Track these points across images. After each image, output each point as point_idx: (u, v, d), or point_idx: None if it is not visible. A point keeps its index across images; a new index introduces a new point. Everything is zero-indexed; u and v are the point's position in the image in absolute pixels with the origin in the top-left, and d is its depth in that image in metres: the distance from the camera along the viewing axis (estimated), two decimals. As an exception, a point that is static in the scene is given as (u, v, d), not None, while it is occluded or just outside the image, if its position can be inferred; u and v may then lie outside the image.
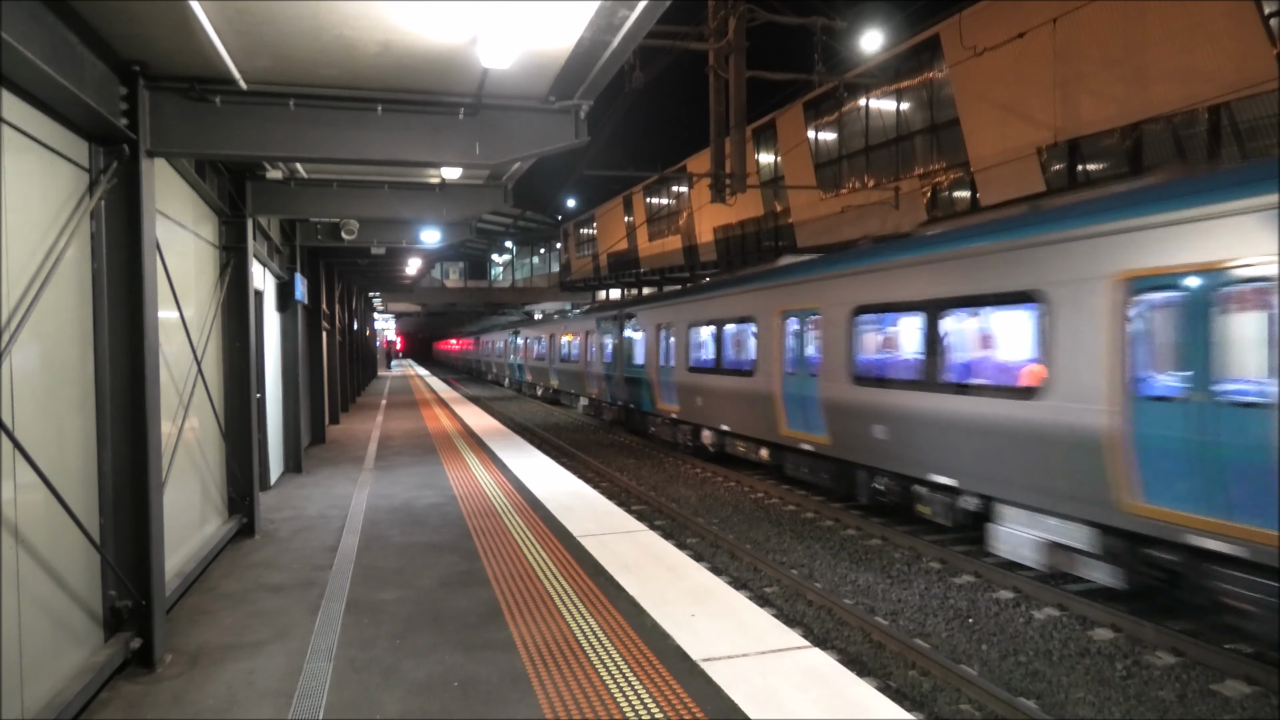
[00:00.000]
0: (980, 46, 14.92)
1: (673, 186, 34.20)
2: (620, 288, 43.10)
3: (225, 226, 8.04)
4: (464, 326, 78.81)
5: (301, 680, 4.57)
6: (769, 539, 10.71)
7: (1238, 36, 12.14)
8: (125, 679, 4.63)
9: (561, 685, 4.45)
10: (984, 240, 8.65)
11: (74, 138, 4.52)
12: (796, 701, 4.15)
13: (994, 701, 5.91)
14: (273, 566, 6.90)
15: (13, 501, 3.71)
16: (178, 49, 4.72)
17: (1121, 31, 13.86)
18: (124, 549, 4.82)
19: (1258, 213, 5.86)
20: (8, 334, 3.64)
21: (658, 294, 21.42)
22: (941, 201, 18.91)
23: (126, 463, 4.82)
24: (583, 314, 26.89)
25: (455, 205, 9.60)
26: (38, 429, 3.95)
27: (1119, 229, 6.95)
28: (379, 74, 5.33)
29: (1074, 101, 14.90)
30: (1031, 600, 8.11)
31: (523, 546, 7.37)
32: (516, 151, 6.13)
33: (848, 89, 20.37)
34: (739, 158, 17.04)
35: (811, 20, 16.28)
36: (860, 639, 7.31)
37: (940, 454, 9.25)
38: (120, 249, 4.82)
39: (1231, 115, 12.54)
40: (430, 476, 11.14)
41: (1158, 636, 6.95)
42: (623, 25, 4.62)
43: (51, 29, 3.86)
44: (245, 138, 5.49)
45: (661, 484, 14.77)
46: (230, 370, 8.02)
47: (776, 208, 26.02)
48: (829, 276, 11.60)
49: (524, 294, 54.59)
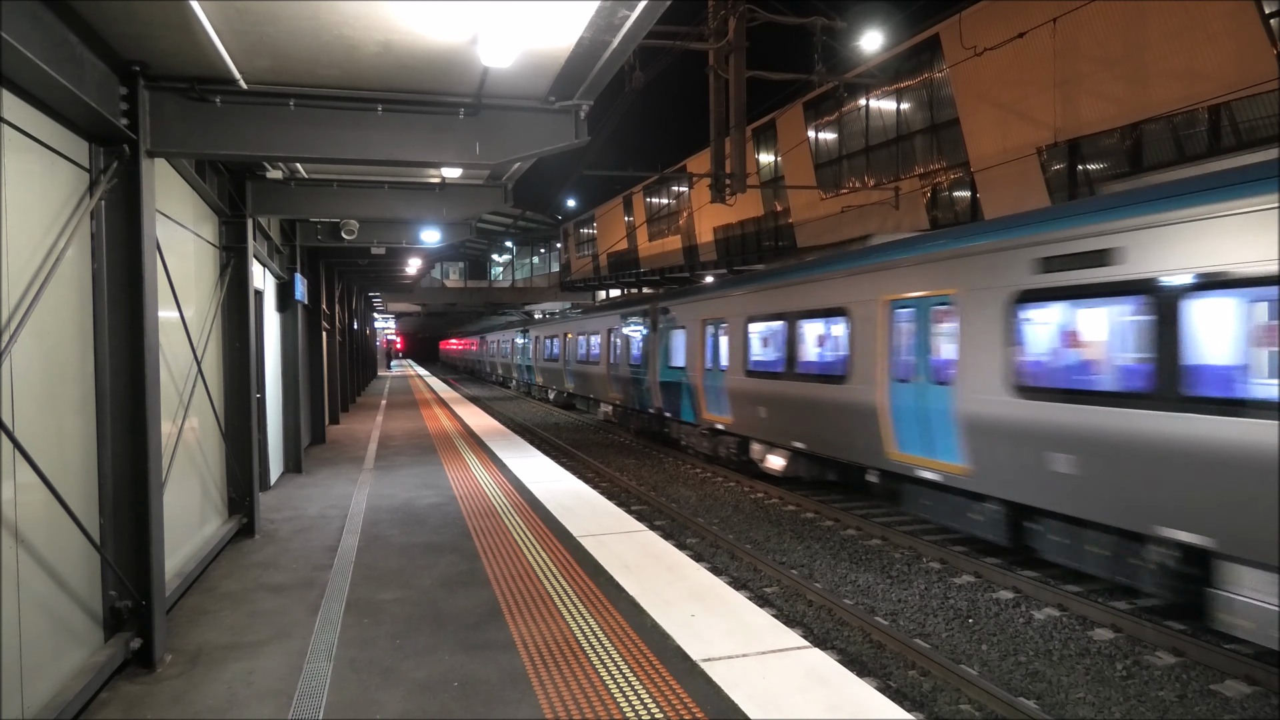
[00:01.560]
0: (980, 46, 14.92)
1: (673, 186, 34.20)
2: (620, 288, 43.10)
3: (225, 226, 8.04)
4: (466, 326, 78.14)
5: (301, 680, 4.57)
6: (769, 539, 10.70)
7: (1238, 36, 12.14)
8: (125, 679, 4.62)
9: (561, 685, 4.45)
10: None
11: (74, 138, 4.51)
12: (796, 702, 4.15)
13: (994, 702, 5.91)
14: (273, 566, 6.89)
15: (13, 501, 3.71)
16: (178, 49, 4.71)
17: (1121, 31, 13.87)
18: (124, 549, 4.82)
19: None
20: (8, 334, 3.64)
21: (698, 285, 18.02)
22: (941, 202, 18.92)
23: (126, 463, 4.82)
24: (604, 309, 23.99)
25: (455, 205, 9.60)
26: (38, 429, 3.95)
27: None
28: (379, 74, 5.32)
29: (1074, 101, 14.90)
30: (1031, 600, 8.10)
31: (523, 546, 7.37)
32: (517, 151, 6.13)
33: (848, 89, 20.37)
34: (739, 158, 17.04)
35: (811, 20, 16.28)
36: (860, 639, 7.31)
37: (1186, 503, 6.38)
38: (120, 249, 4.82)
39: (1232, 115, 12.54)
40: (430, 476, 11.14)
41: (1158, 636, 6.95)
42: (623, 25, 4.61)
43: (51, 29, 3.85)
44: (245, 138, 5.48)
45: (661, 484, 14.77)
46: (230, 370, 8.02)
47: (776, 207, 26.03)
48: (983, 250, 8.59)
49: (524, 294, 54.59)
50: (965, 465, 8.81)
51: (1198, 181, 6.62)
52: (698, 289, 16.97)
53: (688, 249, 32.98)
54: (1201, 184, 6.54)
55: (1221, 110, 12.59)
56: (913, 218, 19.20)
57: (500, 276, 64.63)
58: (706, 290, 16.23)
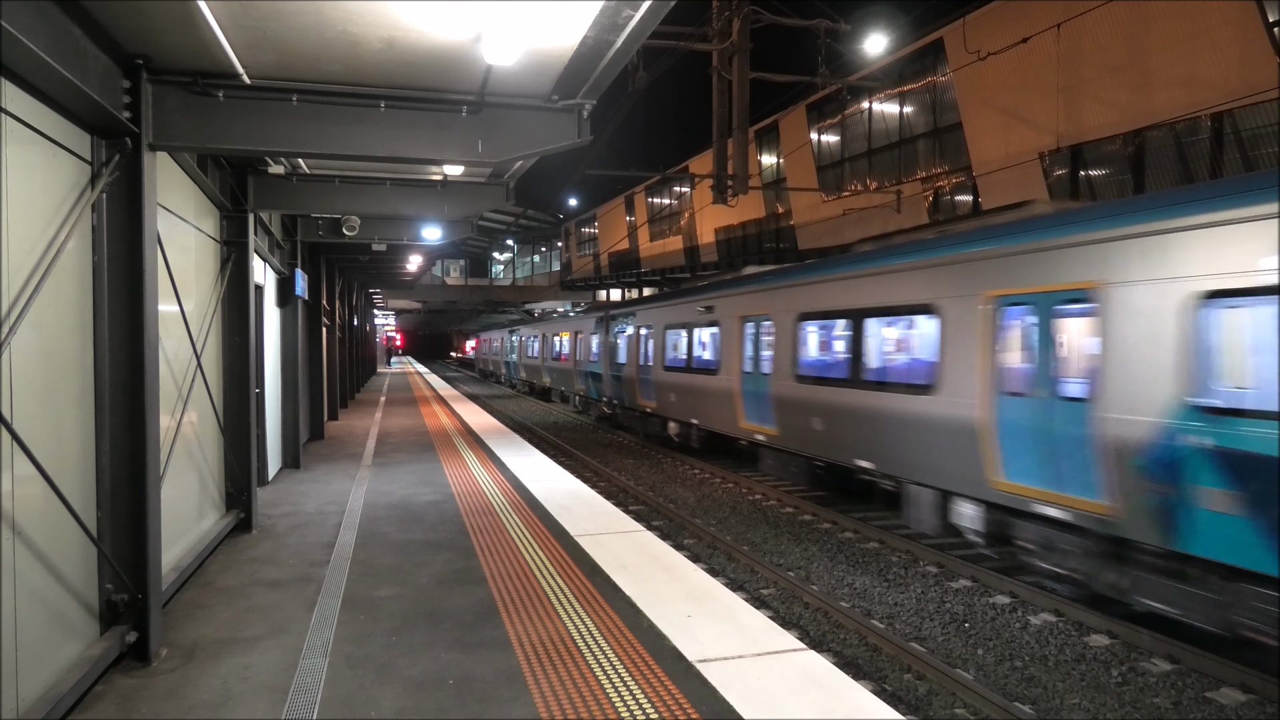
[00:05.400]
0: (984, 51, 14.92)
1: (674, 187, 34.21)
2: (621, 288, 43.10)
3: (226, 221, 8.03)
4: (466, 325, 76.43)
5: (297, 676, 4.56)
6: (766, 540, 10.70)
7: (1241, 44, 12.15)
8: (120, 672, 4.62)
9: (557, 684, 4.45)
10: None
11: (76, 130, 4.51)
12: (792, 704, 4.15)
13: (989, 706, 5.91)
14: (269, 562, 6.89)
15: (10, 494, 3.70)
16: (181, 43, 4.71)
17: (1125, 38, 13.88)
18: (121, 542, 4.81)
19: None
20: (7, 326, 3.64)
21: (638, 298, 20.78)
22: (943, 205, 18.92)
23: (124, 456, 4.82)
24: (571, 316, 26.85)
25: (457, 203, 9.60)
26: (36, 421, 3.95)
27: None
28: (382, 70, 5.32)
29: (1077, 107, 14.91)
30: (1028, 605, 8.11)
31: (520, 545, 7.36)
32: (519, 150, 6.13)
33: (851, 92, 20.39)
34: (741, 159, 17.05)
35: (815, 22, 16.28)
36: (856, 642, 7.31)
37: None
38: (121, 242, 4.82)
39: (1234, 123, 12.55)
40: (428, 474, 11.13)
41: (1154, 643, 6.95)
42: (627, 25, 4.61)
43: (55, 22, 3.85)
44: (248, 132, 5.48)
45: (660, 484, 14.77)
46: (229, 365, 8.01)
47: (778, 209, 26.04)
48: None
49: (525, 292, 54.63)
50: (774, 429, 12.75)
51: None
52: (632, 301, 21.89)
53: (689, 249, 32.99)
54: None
55: (1224, 118, 12.60)
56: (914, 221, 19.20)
57: (501, 275, 64.64)
58: (637, 303, 20.78)
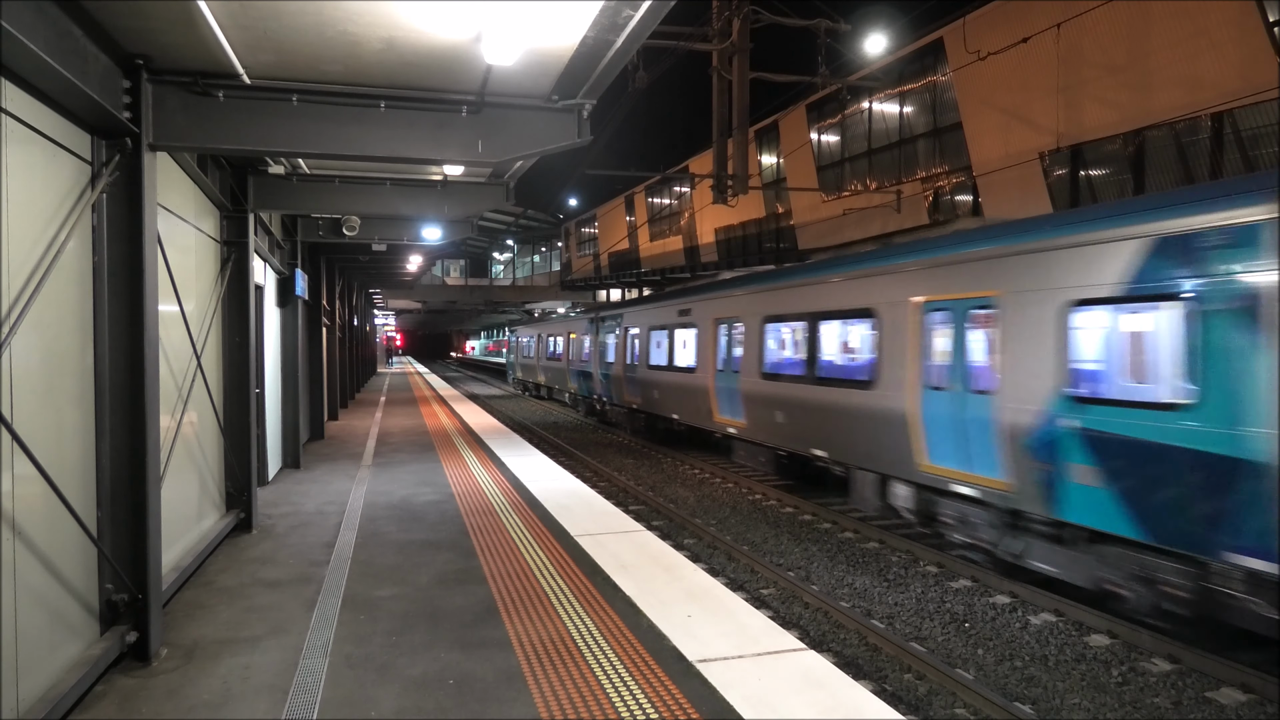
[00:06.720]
0: (984, 51, 14.92)
1: (674, 187, 34.20)
2: (621, 288, 43.09)
3: (227, 221, 8.03)
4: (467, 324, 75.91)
5: (297, 676, 4.57)
6: (766, 540, 10.70)
7: (1242, 44, 12.14)
8: (120, 672, 4.62)
9: (557, 684, 4.45)
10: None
11: (76, 130, 4.51)
12: (792, 704, 4.15)
13: (989, 706, 5.91)
14: (269, 562, 6.89)
15: (10, 494, 3.70)
16: (181, 43, 4.71)
17: (1125, 38, 13.87)
18: (121, 542, 4.81)
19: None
20: (7, 326, 3.64)
21: (623, 300, 21.90)
22: (943, 205, 18.92)
23: (125, 456, 4.82)
24: (564, 318, 27.66)
25: (457, 203, 9.60)
26: (36, 421, 3.95)
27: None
28: (382, 70, 5.32)
29: (1077, 107, 14.90)
30: (1028, 605, 8.10)
31: (520, 545, 7.36)
32: (519, 150, 6.13)
33: (851, 92, 20.37)
34: (741, 159, 17.04)
35: (815, 22, 16.27)
36: (856, 642, 7.31)
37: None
38: (121, 242, 4.82)
39: (1235, 123, 12.55)
40: (428, 474, 11.13)
41: (1154, 643, 6.95)
42: (627, 25, 4.61)
43: (55, 21, 3.85)
44: (248, 133, 5.48)
45: (659, 484, 14.77)
46: (230, 365, 8.01)
47: (778, 209, 26.03)
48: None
49: (525, 292, 54.57)
50: (744, 422, 13.97)
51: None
52: (618, 304, 22.53)
53: (689, 249, 32.98)
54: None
55: (1224, 118, 12.60)
56: (914, 221, 19.20)
57: (501, 274, 64.62)
58: (623, 305, 21.55)
